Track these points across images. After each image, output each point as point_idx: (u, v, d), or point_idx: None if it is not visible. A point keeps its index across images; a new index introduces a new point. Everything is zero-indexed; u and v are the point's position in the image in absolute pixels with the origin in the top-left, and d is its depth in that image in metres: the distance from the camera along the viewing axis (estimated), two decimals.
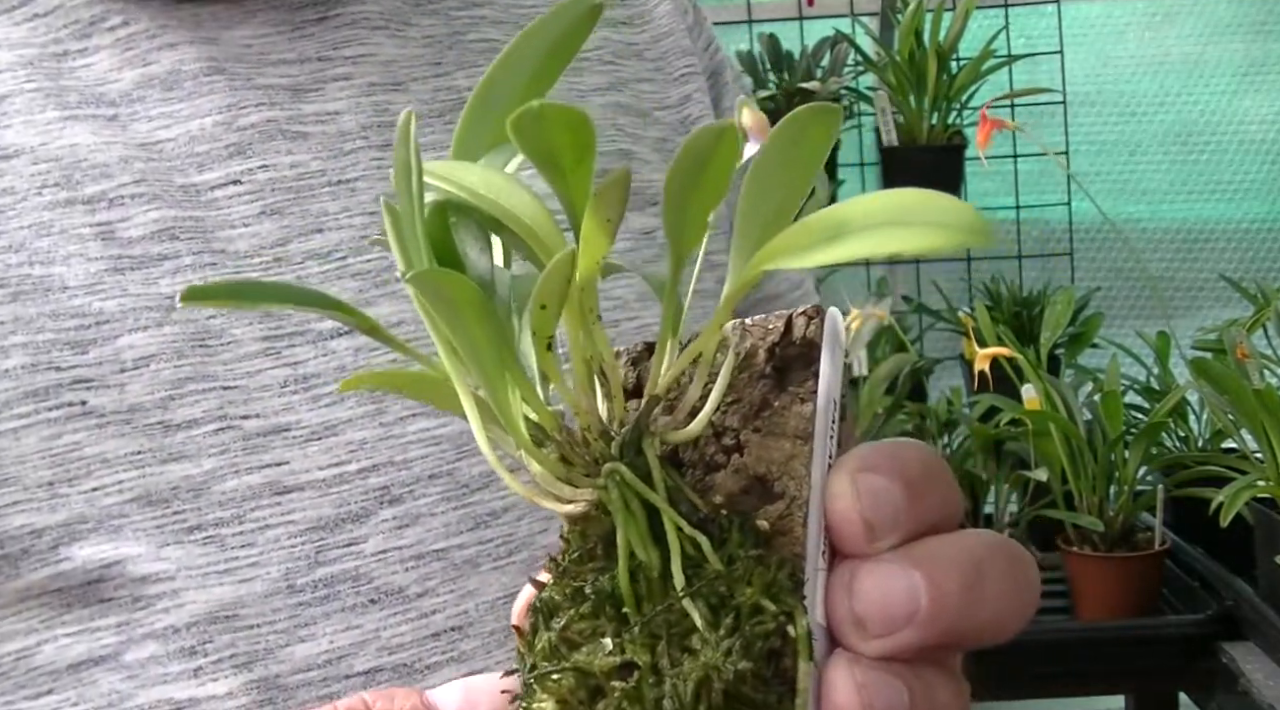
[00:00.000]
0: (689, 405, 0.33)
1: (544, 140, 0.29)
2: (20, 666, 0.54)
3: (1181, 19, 2.13)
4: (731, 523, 0.32)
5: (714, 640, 0.30)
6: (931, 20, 1.85)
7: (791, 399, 0.33)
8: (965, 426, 1.63)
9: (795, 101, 1.91)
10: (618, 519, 0.31)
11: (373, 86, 0.62)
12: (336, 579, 0.55)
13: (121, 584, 0.54)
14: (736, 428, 0.33)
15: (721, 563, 0.31)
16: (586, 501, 0.32)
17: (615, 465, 0.31)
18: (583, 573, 0.32)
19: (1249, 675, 1.31)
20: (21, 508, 0.53)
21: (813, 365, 0.33)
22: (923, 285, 2.03)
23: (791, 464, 0.32)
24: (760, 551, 0.31)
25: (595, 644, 0.31)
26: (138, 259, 0.56)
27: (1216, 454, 1.52)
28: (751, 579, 0.31)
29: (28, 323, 0.54)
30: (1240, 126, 2.12)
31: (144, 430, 0.54)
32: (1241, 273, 1.97)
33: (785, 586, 0.31)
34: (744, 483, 0.33)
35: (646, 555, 0.31)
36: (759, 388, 0.34)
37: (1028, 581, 0.35)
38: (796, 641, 0.31)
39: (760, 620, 0.31)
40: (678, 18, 0.75)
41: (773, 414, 0.33)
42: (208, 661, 0.54)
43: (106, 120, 0.58)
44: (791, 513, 0.32)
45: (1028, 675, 1.47)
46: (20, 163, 0.57)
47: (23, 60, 0.59)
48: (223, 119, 0.59)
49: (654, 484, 0.31)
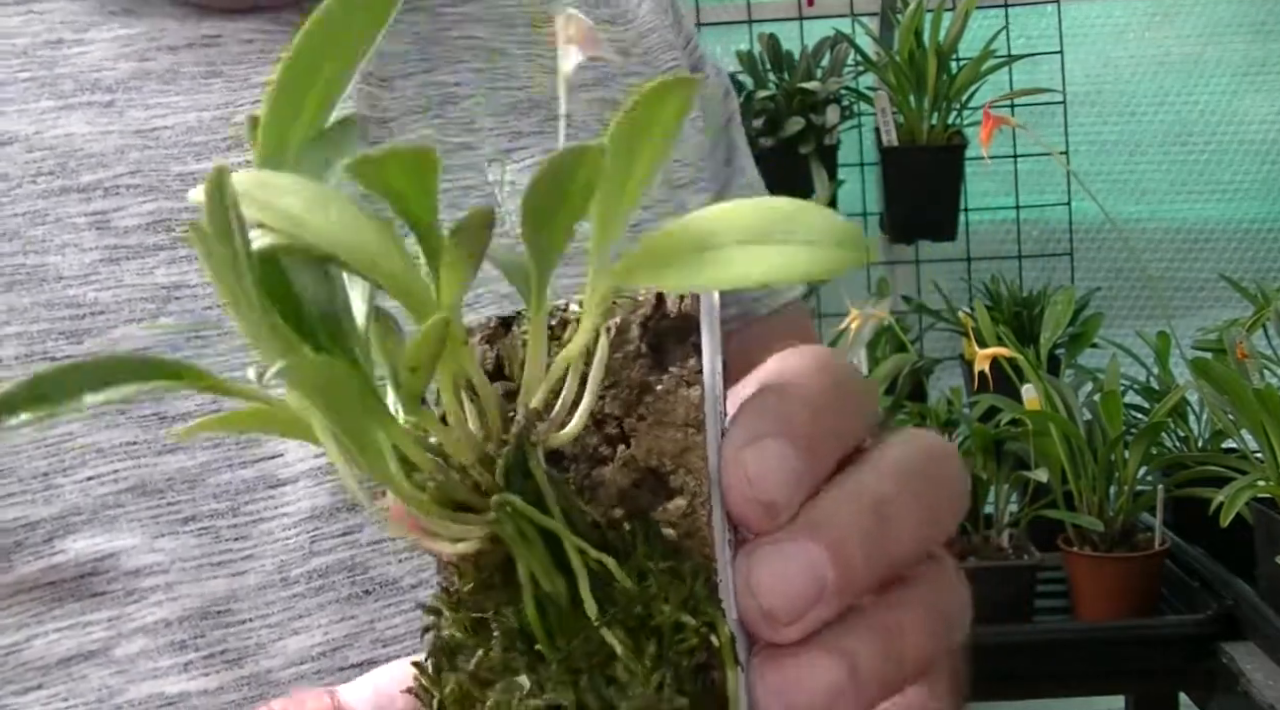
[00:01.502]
0: (567, 400, 0.30)
1: (384, 182, 0.26)
2: (9, 661, 0.54)
3: (1181, 19, 2.13)
4: (635, 533, 0.30)
5: (640, 672, 0.29)
6: (931, 20, 1.84)
7: (675, 383, 0.31)
8: (965, 426, 1.63)
9: (795, 102, 1.91)
10: (516, 551, 0.29)
11: (367, 77, 0.62)
12: (331, 569, 0.55)
13: (115, 577, 0.54)
14: (619, 415, 0.31)
15: (632, 578, 0.29)
16: (478, 538, 0.29)
17: (505, 496, 0.29)
18: (482, 604, 0.30)
19: (1249, 675, 1.31)
20: (16, 500, 0.53)
21: (690, 340, 0.31)
22: (923, 285, 2.03)
23: (687, 457, 0.31)
24: (671, 562, 0.30)
25: (510, 682, 0.29)
26: (133, 249, 0.56)
27: (1216, 454, 1.52)
28: (668, 595, 0.29)
29: (22, 312, 0.54)
30: (1240, 126, 2.12)
31: (138, 421, 0.54)
32: (1241, 273, 1.97)
33: (702, 595, 0.30)
34: (635, 476, 0.31)
35: (552, 585, 0.29)
36: (637, 369, 0.31)
37: (946, 493, 0.34)
38: (722, 650, 0.29)
39: (683, 637, 0.29)
40: (660, 15, 0.76)
41: (657, 400, 0.31)
42: (198, 656, 0.54)
43: (103, 107, 0.58)
44: (695, 510, 0.30)
45: (1028, 675, 1.47)
46: (14, 150, 0.57)
47: (15, 50, 0.59)
48: (220, 114, 0.59)
49: (547, 508, 0.29)
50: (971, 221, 1.99)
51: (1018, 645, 1.47)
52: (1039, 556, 1.52)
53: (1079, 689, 1.60)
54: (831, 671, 0.30)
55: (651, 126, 0.28)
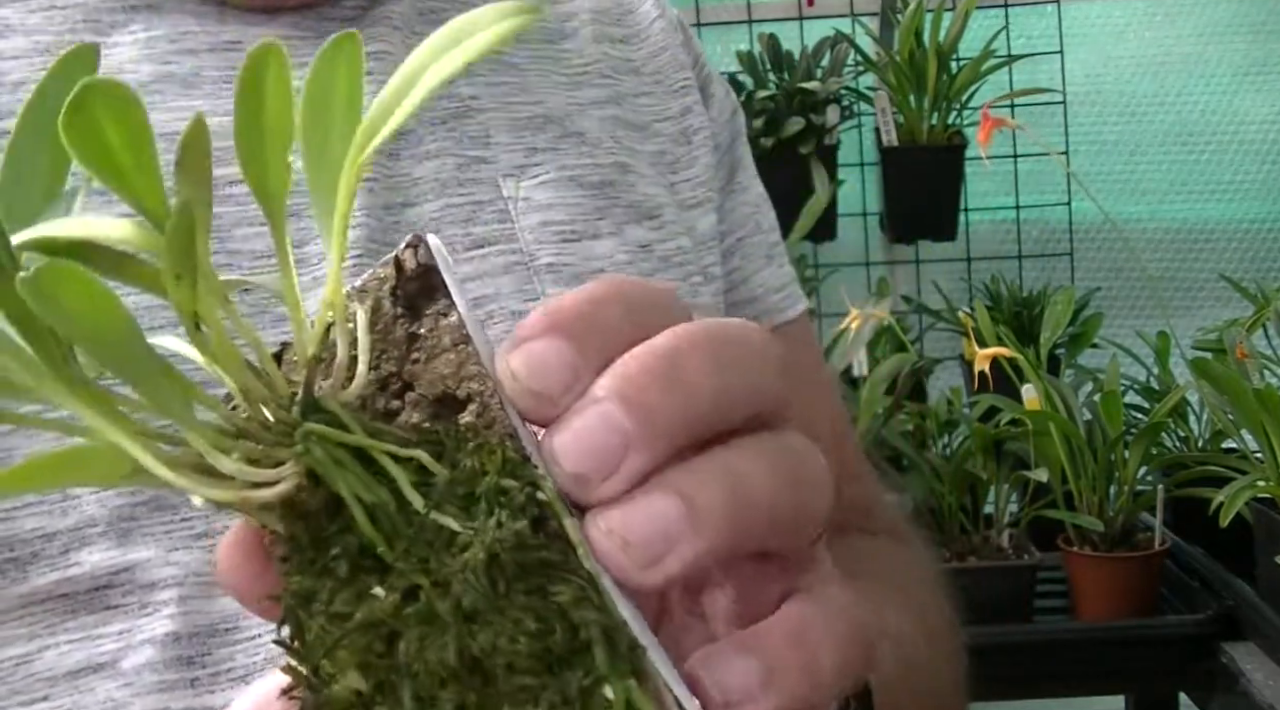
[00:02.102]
0: (342, 371, 0.32)
1: (94, 132, 0.27)
2: (19, 672, 0.53)
3: (1181, 19, 2.13)
4: (438, 432, 0.31)
5: (480, 533, 0.30)
6: (931, 20, 1.84)
7: (434, 320, 0.33)
8: (965, 426, 1.63)
9: (795, 102, 1.91)
10: (333, 474, 0.30)
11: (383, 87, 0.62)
12: None
13: (130, 590, 0.53)
14: (396, 370, 0.33)
15: (448, 468, 0.31)
16: (294, 473, 0.30)
17: (307, 425, 0.30)
18: (320, 550, 0.31)
19: (1249, 675, 1.31)
20: (33, 510, 0.53)
21: (438, 288, 0.33)
22: (923, 285, 2.03)
23: (464, 368, 0.32)
24: (477, 442, 0.31)
25: (368, 600, 0.30)
26: None
27: (1216, 454, 1.52)
28: (484, 467, 0.30)
29: None
30: (1240, 126, 2.12)
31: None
32: (1241, 273, 1.97)
33: (516, 462, 0.31)
34: (430, 410, 0.32)
35: (376, 495, 0.30)
36: (399, 329, 0.33)
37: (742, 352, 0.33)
38: (551, 504, 0.30)
39: (509, 497, 0.30)
40: (671, 34, 0.76)
41: (423, 341, 0.33)
42: (205, 673, 0.53)
43: None
44: (486, 405, 0.32)
45: (1028, 675, 1.47)
46: None
47: (38, 48, 0.59)
48: None
49: (349, 429, 0.31)
50: (971, 221, 1.99)
51: (1018, 645, 1.47)
52: (1039, 556, 1.52)
53: (1079, 689, 1.60)
54: (663, 504, 0.30)
55: (334, 86, 0.31)
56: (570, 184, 0.66)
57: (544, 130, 0.67)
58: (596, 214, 0.66)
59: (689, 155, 0.73)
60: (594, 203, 0.66)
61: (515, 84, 0.68)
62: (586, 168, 0.67)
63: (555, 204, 0.65)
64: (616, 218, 0.66)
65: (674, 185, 0.71)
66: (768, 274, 0.77)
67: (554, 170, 0.66)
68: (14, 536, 0.52)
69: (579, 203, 0.65)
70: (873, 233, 2.05)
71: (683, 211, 0.71)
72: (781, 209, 0.83)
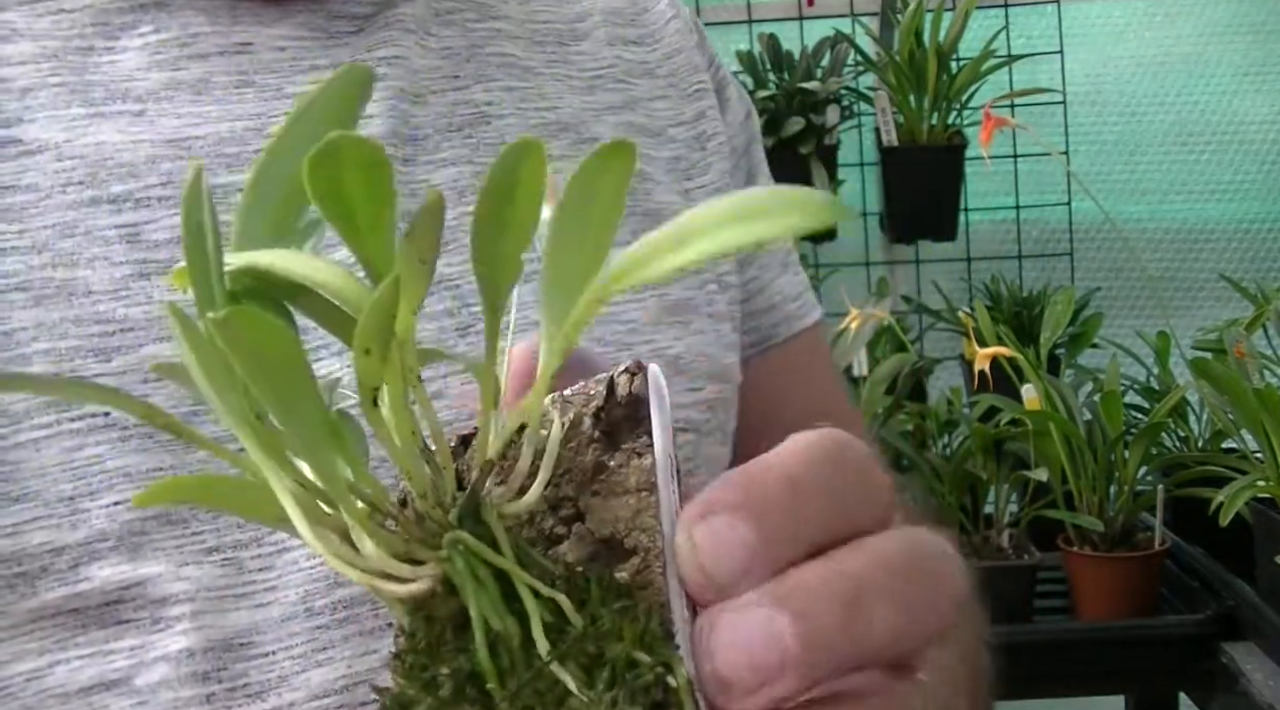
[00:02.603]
0: (520, 480, 0.31)
1: (337, 185, 0.26)
2: (30, 688, 0.52)
3: (1181, 19, 2.13)
4: (589, 580, 0.29)
5: (593, 698, 0.28)
6: (931, 20, 1.84)
7: (627, 456, 0.31)
8: (965, 426, 1.63)
9: (795, 102, 1.91)
10: (467, 591, 0.29)
11: (401, 93, 0.61)
12: (355, 601, 0.54)
13: (141, 605, 0.52)
14: (573, 496, 0.31)
15: (585, 621, 0.29)
16: (430, 577, 0.29)
17: (457, 533, 0.29)
18: (435, 661, 0.29)
19: (1249, 675, 1.31)
20: (42, 524, 0.52)
21: (643, 422, 0.32)
22: (923, 285, 2.03)
23: (640, 517, 0.30)
24: (624, 603, 0.29)
25: None
26: (163, 263, 0.54)
27: (1216, 454, 1.52)
28: (621, 632, 0.28)
29: (50, 328, 0.53)
30: (1240, 126, 2.12)
31: (165, 445, 0.53)
32: (1241, 273, 1.97)
33: (657, 636, 0.29)
34: (591, 548, 0.31)
35: (503, 625, 0.28)
36: (590, 454, 0.32)
37: (933, 592, 0.32)
38: (679, 692, 0.28)
39: (637, 673, 0.28)
40: (686, 36, 0.75)
41: (610, 475, 0.31)
42: (221, 689, 0.52)
43: (134, 116, 0.57)
44: (649, 565, 0.30)
45: (1028, 675, 1.47)
46: (44, 158, 0.55)
47: (46, 53, 0.58)
48: (253, 126, 0.58)
49: (501, 549, 0.29)
50: (971, 221, 1.99)
51: (1018, 645, 1.47)
52: (1039, 556, 1.52)
53: (1079, 689, 1.60)
54: None
55: (596, 194, 0.29)
56: None
57: (559, 137, 0.66)
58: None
59: (704, 161, 0.72)
60: None
61: (531, 89, 0.67)
62: None
63: None
64: (632, 226, 0.65)
65: (689, 191, 0.71)
66: (784, 281, 0.76)
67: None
68: (22, 551, 0.52)
69: None
70: (873, 233, 2.05)
71: None
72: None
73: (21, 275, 0.53)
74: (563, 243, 0.29)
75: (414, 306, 0.28)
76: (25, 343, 0.53)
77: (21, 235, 0.54)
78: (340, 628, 0.54)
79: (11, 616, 0.52)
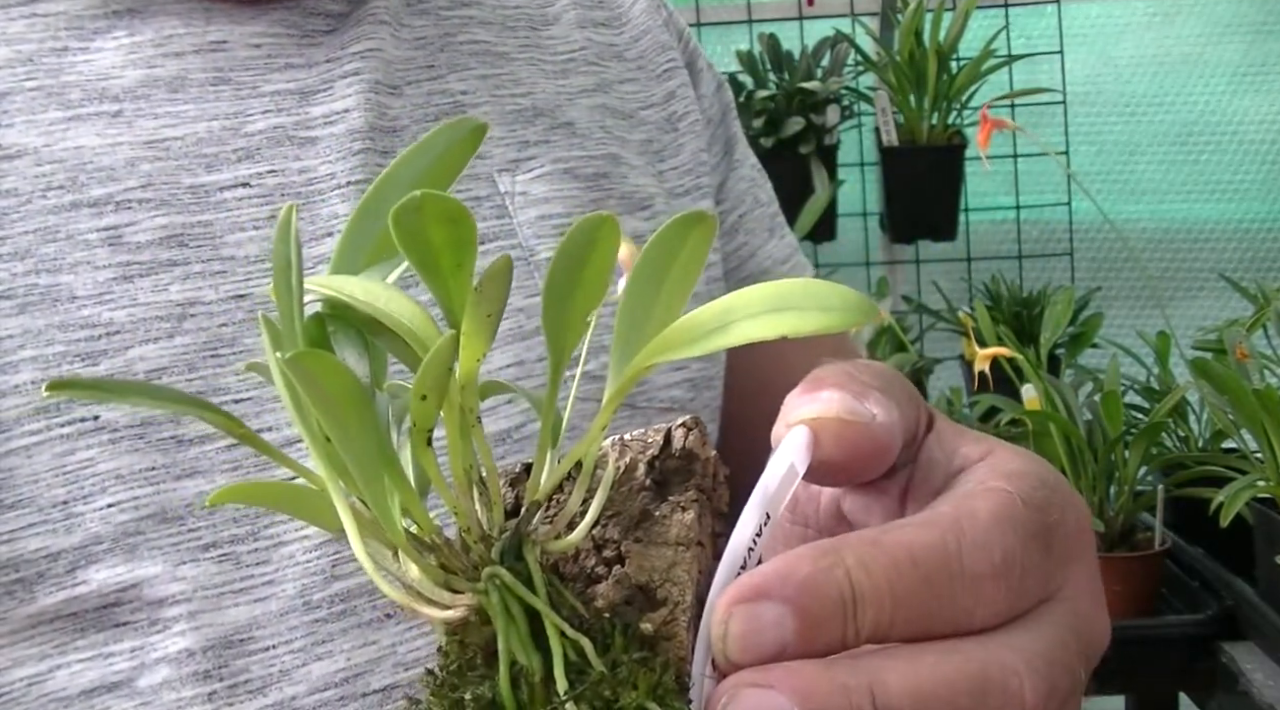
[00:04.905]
0: (568, 517, 0.32)
1: (421, 235, 0.28)
2: (31, 693, 0.52)
3: (1181, 19, 2.13)
4: (615, 627, 0.31)
5: None
6: (931, 20, 1.85)
7: (673, 508, 0.33)
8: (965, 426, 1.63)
9: (795, 102, 1.91)
10: (498, 624, 0.30)
11: (378, 85, 0.61)
12: (352, 593, 0.54)
13: (138, 607, 0.52)
14: (617, 539, 0.33)
15: (605, 666, 0.30)
16: (466, 606, 0.31)
17: (495, 569, 0.30)
18: (463, 684, 0.31)
19: (1249, 675, 1.31)
20: (37, 530, 0.52)
21: (693, 477, 0.33)
22: (923, 285, 2.03)
23: (674, 571, 0.32)
24: (645, 654, 0.30)
25: None
26: (146, 265, 0.54)
27: (1216, 454, 1.52)
28: (636, 682, 0.30)
29: (36, 335, 0.53)
30: (1240, 126, 2.12)
31: (157, 445, 0.53)
32: (1241, 272, 1.97)
33: (670, 689, 0.30)
34: (626, 593, 0.32)
35: (528, 660, 0.30)
36: (639, 500, 0.33)
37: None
38: None
39: None
40: (652, 15, 0.75)
41: (654, 524, 0.32)
42: (223, 686, 0.52)
43: (111, 117, 0.57)
44: (675, 618, 0.31)
45: None
46: (23, 164, 0.55)
47: (21, 57, 0.58)
48: (230, 124, 0.58)
49: (535, 588, 0.30)
50: (971, 221, 2.00)
51: None
52: None
53: None
54: None
55: (672, 261, 0.31)
56: (565, 177, 0.65)
57: (534, 123, 0.66)
58: (592, 206, 0.65)
59: (675, 143, 0.72)
60: (589, 195, 0.66)
61: (505, 75, 0.67)
62: (579, 160, 0.66)
63: (551, 197, 0.64)
64: (611, 209, 0.65)
65: (662, 173, 0.71)
66: (772, 246, 0.77)
67: (548, 163, 0.65)
68: (19, 557, 0.52)
69: (574, 196, 0.65)
70: (873, 233, 2.05)
71: (672, 200, 0.70)
72: (782, 209, 0.83)
73: (5, 283, 0.53)
74: (635, 304, 0.31)
75: (478, 355, 0.30)
76: (11, 350, 0.52)
77: (3, 242, 0.54)
78: (339, 620, 0.54)
79: (10, 622, 0.52)
